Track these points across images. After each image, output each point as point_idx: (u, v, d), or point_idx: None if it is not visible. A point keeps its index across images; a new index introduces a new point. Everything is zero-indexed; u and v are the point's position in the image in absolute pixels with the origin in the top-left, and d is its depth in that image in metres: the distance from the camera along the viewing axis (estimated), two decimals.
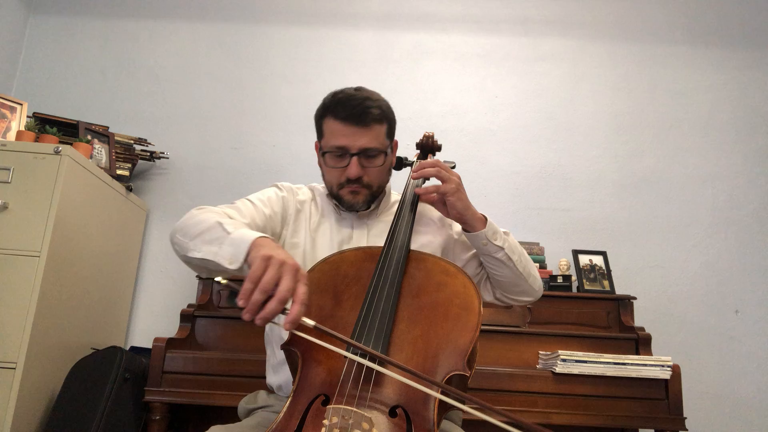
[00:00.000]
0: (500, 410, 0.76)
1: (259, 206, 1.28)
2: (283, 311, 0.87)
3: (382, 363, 0.88)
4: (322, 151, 1.30)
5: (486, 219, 1.26)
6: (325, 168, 1.31)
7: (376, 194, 1.31)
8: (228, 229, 1.04)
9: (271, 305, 0.86)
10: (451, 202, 1.22)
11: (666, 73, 2.72)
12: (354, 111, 1.23)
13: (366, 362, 0.88)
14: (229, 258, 0.99)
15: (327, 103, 1.28)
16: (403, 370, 0.83)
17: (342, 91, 1.28)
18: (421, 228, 1.33)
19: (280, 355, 1.20)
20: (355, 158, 1.24)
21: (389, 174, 1.35)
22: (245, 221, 1.20)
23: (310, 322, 0.86)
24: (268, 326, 1.32)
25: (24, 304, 1.73)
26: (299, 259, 1.28)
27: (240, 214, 1.21)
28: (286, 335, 1.04)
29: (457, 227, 1.37)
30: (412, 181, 1.31)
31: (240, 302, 0.87)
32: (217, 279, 0.94)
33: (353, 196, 1.28)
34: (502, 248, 1.25)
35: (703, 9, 2.79)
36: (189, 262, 1.11)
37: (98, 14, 2.82)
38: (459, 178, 1.24)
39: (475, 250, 1.33)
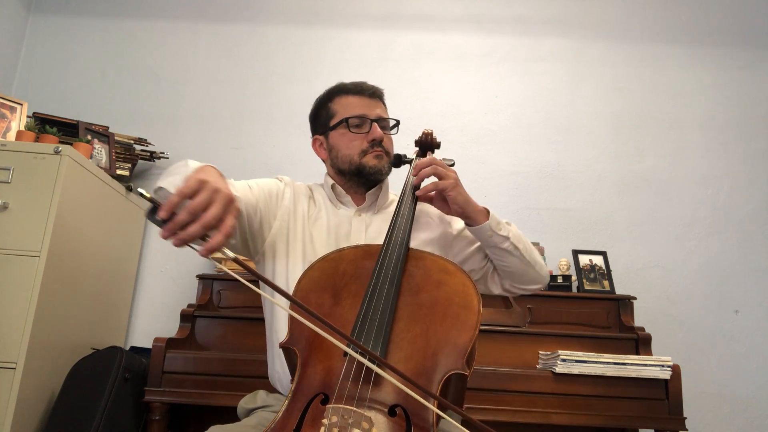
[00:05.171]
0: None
1: (255, 190, 1.29)
2: (204, 238, 0.83)
3: (380, 365, 0.88)
4: (335, 125, 1.34)
5: (488, 211, 1.27)
6: (345, 140, 1.33)
7: (389, 168, 1.36)
8: (190, 164, 1.04)
9: (193, 228, 0.82)
10: (452, 197, 1.22)
11: (666, 73, 2.72)
12: (366, 87, 1.36)
13: (364, 360, 0.87)
14: (175, 185, 0.92)
15: (335, 87, 1.38)
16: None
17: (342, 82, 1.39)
18: (419, 226, 1.33)
19: None
20: (375, 123, 1.32)
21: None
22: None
23: (230, 254, 0.83)
24: (268, 319, 1.31)
25: (24, 304, 1.73)
26: (298, 253, 1.27)
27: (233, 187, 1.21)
28: (285, 333, 1.03)
29: (457, 224, 1.37)
30: (411, 179, 1.32)
31: (161, 214, 0.83)
32: (139, 190, 0.81)
33: (378, 160, 1.32)
34: (507, 238, 1.26)
35: (702, 9, 2.78)
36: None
37: (98, 14, 2.82)
38: (455, 173, 1.25)
39: (478, 244, 1.34)
